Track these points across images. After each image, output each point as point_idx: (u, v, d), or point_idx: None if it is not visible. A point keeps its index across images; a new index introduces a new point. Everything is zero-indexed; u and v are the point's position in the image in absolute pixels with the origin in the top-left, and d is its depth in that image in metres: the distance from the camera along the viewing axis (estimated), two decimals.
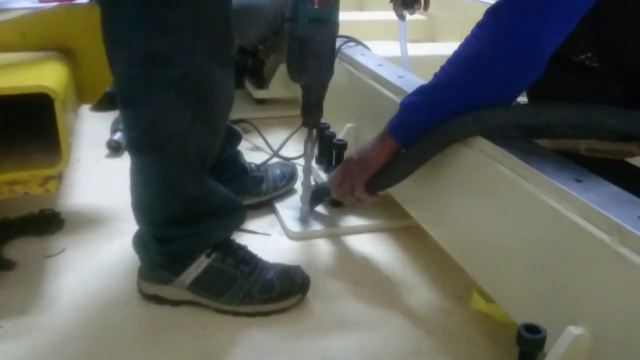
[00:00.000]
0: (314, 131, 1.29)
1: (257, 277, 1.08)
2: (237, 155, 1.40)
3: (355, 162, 1.12)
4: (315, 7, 1.08)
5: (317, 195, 1.35)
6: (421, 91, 1.01)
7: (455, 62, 0.96)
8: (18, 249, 1.23)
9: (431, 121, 0.98)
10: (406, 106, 1.02)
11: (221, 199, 1.09)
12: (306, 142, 1.28)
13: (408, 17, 1.58)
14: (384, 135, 1.07)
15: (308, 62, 1.14)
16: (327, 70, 1.17)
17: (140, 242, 1.09)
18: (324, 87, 1.21)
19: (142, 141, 0.99)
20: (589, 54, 0.98)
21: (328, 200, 1.36)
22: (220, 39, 0.99)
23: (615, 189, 0.80)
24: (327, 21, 1.11)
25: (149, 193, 1.04)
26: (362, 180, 1.11)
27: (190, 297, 1.08)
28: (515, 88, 0.94)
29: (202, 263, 1.06)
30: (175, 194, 1.03)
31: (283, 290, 1.08)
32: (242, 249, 1.12)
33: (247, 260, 1.10)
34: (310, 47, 1.13)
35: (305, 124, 1.25)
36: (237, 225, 1.15)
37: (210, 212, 1.07)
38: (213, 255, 1.07)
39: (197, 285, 1.06)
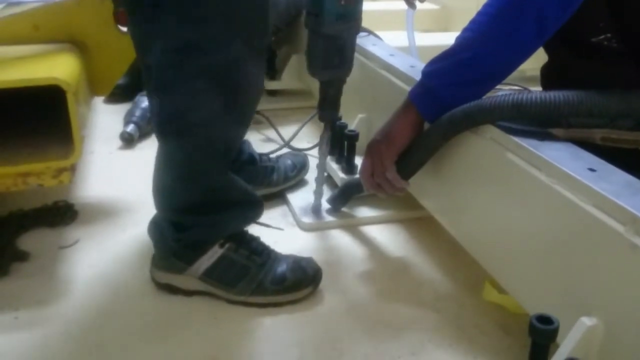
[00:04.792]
0: (329, 126, 1.28)
1: (269, 268, 1.08)
2: (244, 144, 1.40)
3: (380, 141, 1.08)
4: (342, 3, 1.07)
5: (344, 194, 1.33)
6: (442, 56, 0.99)
7: (470, 28, 0.96)
8: (32, 240, 1.24)
9: (454, 84, 0.97)
10: (427, 74, 1.01)
11: (241, 192, 1.09)
12: (322, 137, 1.27)
13: (419, 5, 1.57)
14: (405, 107, 1.05)
15: (334, 58, 1.13)
16: (350, 66, 1.17)
17: (156, 228, 1.10)
18: (344, 82, 1.20)
19: (169, 126, 0.99)
20: (609, 35, 0.96)
21: (357, 197, 1.34)
22: (257, 29, 0.97)
23: (629, 178, 0.79)
24: (353, 17, 1.10)
25: (171, 179, 1.05)
26: (391, 157, 1.07)
27: (203, 287, 1.08)
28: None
29: (215, 253, 1.06)
30: (197, 182, 1.03)
31: (295, 281, 1.09)
32: (255, 240, 1.12)
33: (260, 251, 1.10)
34: (336, 43, 1.11)
35: (322, 118, 1.24)
36: (254, 219, 1.15)
37: (229, 204, 1.07)
38: (226, 246, 1.07)
39: (210, 275, 1.07)
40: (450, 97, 0.98)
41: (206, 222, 1.06)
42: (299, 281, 1.09)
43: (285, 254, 1.13)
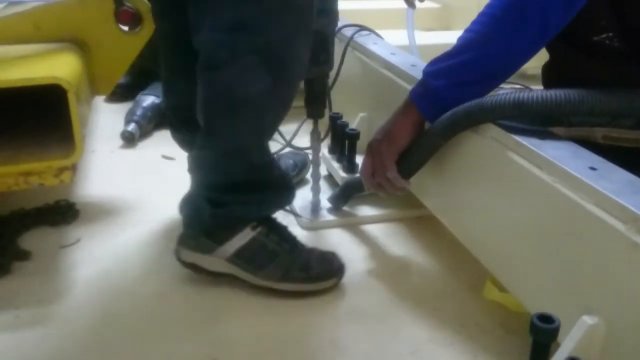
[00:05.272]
0: (319, 122, 1.29)
1: (297, 256, 1.10)
2: None
3: (380, 140, 1.09)
4: None
5: (345, 192, 1.34)
6: (443, 57, 0.99)
7: (473, 29, 0.97)
8: (34, 239, 1.24)
9: (456, 85, 0.97)
10: (429, 74, 1.01)
11: (280, 174, 1.12)
12: (312, 134, 1.28)
13: (420, 4, 1.57)
14: (406, 107, 1.05)
15: (319, 55, 1.14)
16: (332, 60, 1.18)
17: (190, 205, 1.10)
18: (328, 76, 1.21)
19: (218, 103, 1.00)
20: (610, 34, 0.96)
21: (358, 196, 1.34)
22: (306, 10, 0.99)
23: (630, 176, 0.79)
24: (331, 11, 1.11)
25: (214, 155, 1.05)
26: (392, 156, 1.08)
27: (229, 269, 1.09)
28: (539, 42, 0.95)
29: (247, 235, 1.07)
30: (241, 159, 1.05)
31: (321, 272, 1.11)
32: (285, 228, 1.14)
33: (288, 238, 1.12)
34: (319, 39, 1.12)
35: (311, 115, 1.25)
36: (287, 203, 1.17)
37: (268, 184, 1.09)
38: (258, 229, 1.08)
39: (239, 256, 1.07)
40: (451, 97, 0.98)
41: (244, 200, 1.07)
42: (325, 272, 1.11)
43: (310, 247, 1.15)
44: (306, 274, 1.09)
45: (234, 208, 1.06)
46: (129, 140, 1.72)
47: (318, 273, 1.10)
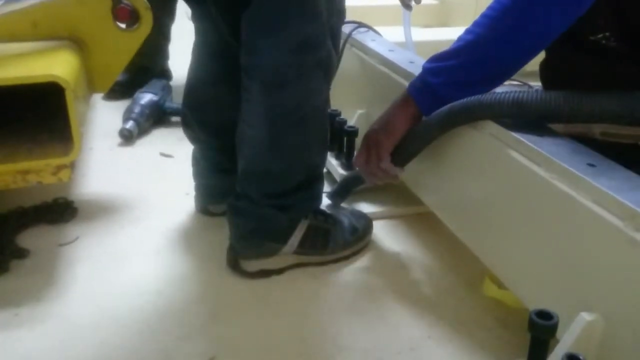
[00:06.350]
0: None
1: (341, 225, 1.18)
2: None
3: (377, 130, 1.09)
4: None
5: (343, 189, 1.34)
6: (444, 56, 0.99)
7: (473, 30, 0.97)
8: (32, 238, 1.24)
9: (455, 85, 0.97)
10: (429, 70, 1.01)
11: (324, 164, 1.19)
12: None
13: (415, 4, 1.56)
14: (403, 100, 1.05)
15: None
16: (340, 57, 1.17)
17: (252, 217, 1.11)
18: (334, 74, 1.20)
19: (289, 118, 1.05)
20: (607, 33, 0.96)
21: (357, 190, 1.35)
22: (344, 10, 1.10)
23: (628, 173, 0.79)
24: (343, 10, 1.11)
25: (284, 165, 1.09)
26: (388, 147, 1.08)
27: (295, 261, 1.15)
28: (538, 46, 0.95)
29: (303, 225, 1.14)
30: (307, 162, 1.12)
31: (363, 228, 1.22)
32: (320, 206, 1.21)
33: (326, 213, 1.20)
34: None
35: None
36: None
37: (319, 175, 1.17)
38: (309, 216, 1.15)
39: (303, 246, 1.14)
40: (450, 96, 0.98)
41: (307, 197, 1.14)
42: (365, 226, 1.23)
43: (335, 210, 1.25)
44: (355, 235, 1.20)
45: (302, 206, 1.13)
46: (127, 138, 1.72)
47: (362, 230, 1.21)
